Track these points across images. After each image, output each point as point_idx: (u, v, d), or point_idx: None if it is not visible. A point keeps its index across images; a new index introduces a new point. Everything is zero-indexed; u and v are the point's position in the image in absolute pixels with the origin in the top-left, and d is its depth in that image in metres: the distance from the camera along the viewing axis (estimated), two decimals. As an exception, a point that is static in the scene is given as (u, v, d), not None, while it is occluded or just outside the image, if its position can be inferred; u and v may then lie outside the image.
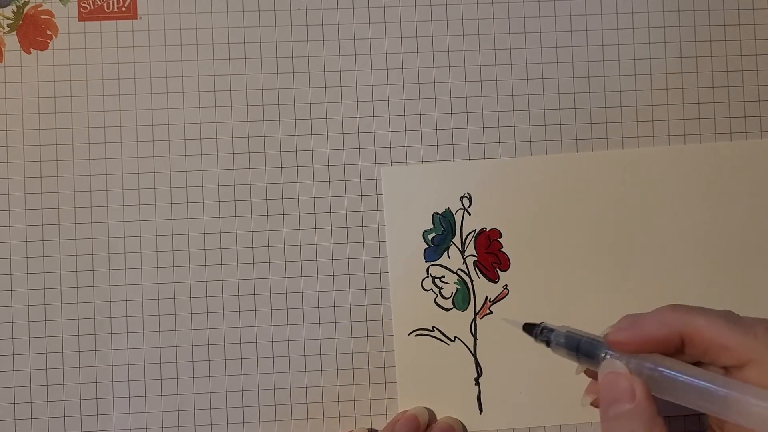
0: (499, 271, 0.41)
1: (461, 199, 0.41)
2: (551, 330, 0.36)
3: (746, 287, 0.41)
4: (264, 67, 0.41)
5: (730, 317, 0.30)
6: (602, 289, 0.41)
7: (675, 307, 0.31)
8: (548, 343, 0.37)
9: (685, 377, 0.30)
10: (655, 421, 0.30)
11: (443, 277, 0.41)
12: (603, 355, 0.33)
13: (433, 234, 0.41)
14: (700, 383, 0.29)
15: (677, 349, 0.31)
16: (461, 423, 0.40)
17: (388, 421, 0.40)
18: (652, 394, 0.31)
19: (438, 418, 0.40)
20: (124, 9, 0.42)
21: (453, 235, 0.41)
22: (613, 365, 0.32)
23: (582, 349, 0.34)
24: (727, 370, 0.30)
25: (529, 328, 0.37)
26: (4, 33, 0.41)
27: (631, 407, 0.31)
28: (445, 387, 0.40)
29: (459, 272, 0.41)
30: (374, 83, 0.42)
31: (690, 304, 0.32)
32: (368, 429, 0.40)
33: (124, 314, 0.41)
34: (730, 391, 0.28)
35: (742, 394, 0.28)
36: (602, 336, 0.33)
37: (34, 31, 0.41)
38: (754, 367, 0.28)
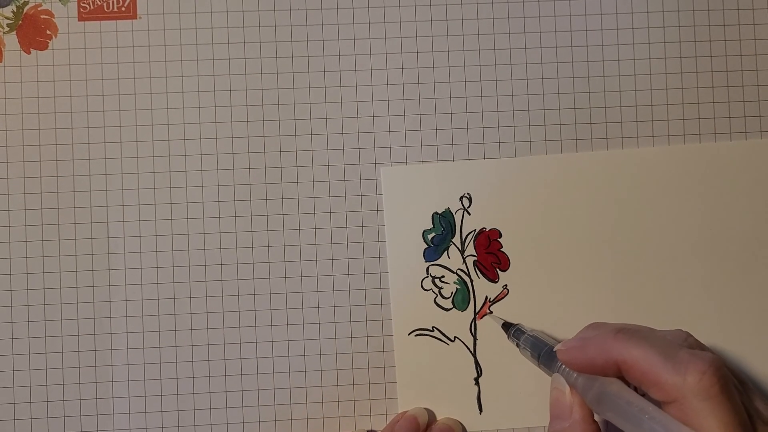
0: (498, 271, 0.41)
1: (461, 199, 0.41)
2: (522, 333, 0.38)
3: (746, 287, 0.41)
4: (264, 67, 0.41)
5: (667, 351, 0.29)
6: (602, 288, 0.41)
7: (618, 334, 0.31)
8: (518, 345, 0.38)
9: (623, 403, 0.30)
10: None
11: (443, 277, 0.41)
12: (559, 365, 0.33)
13: (433, 234, 0.41)
14: (633, 412, 0.29)
15: (619, 375, 0.31)
16: (461, 424, 0.40)
17: (388, 422, 0.40)
18: (597, 413, 0.32)
19: (438, 418, 0.40)
20: (123, 9, 0.42)
21: (453, 235, 0.41)
22: (559, 381, 0.33)
23: (542, 357, 0.35)
24: (662, 403, 0.29)
25: (506, 327, 0.39)
26: (3, 33, 0.41)
27: (567, 426, 0.32)
28: (444, 387, 0.40)
29: (459, 272, 0.41)
30: (374, 83, 0.42)
31: (638, 328, 0.32)
32: (368, 430, 0.40)
33: (123, 314, 0.41)
34: (655, 425, 0.28)
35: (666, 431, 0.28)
36: (555, 349, 0.34)
37: (33, 31, 0.41)
38: (676, 405, 0.28)
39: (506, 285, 0.41)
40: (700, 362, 0.28)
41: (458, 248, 0.41)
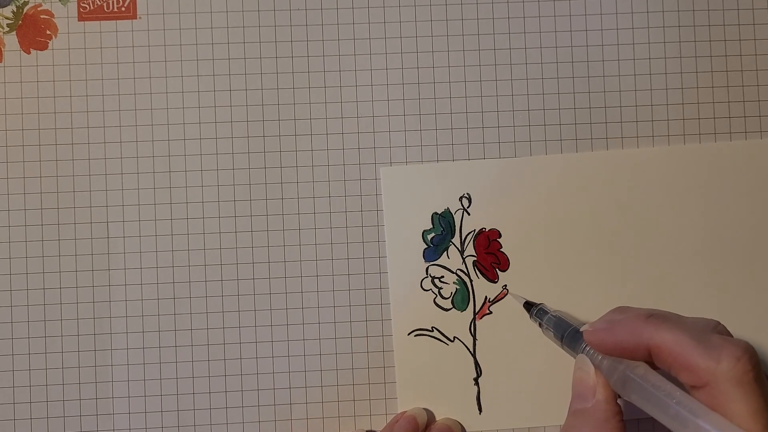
0: (498, 271, 0.41)
1: (460, 199, 0.41)
2: (545, 313, 0.38)
3: (746, 287, 0.41)
4: (264, 67, 0.42)
5: (699, 336, 0.29)
6: (602, 289, 0.41)
7: (649, 318, 0.31)
8: (541, 325, 0.38)
9: (649, 387, 0.30)
10: (607, 424, 0.31)
11: (442, 277, 0.41)
12: (584, 347, 0.34)
13: (433, 234, 0.41)
14: (659, 396, 0.29)
15: (648, 359, 0.31)
16: (460, 424, 0.40)
17: (387, 422, 0.40)
18: (621, 396, 0.31)
19: (437, 418, 0.40)
20: (123, 9, 0.42)
21: (452, 236, 0.41)
22: (583, 362, 0.33)
23: (566, 338, 0.35)
24: (690, 387, 0.29)
25: (528, 306, 0.39)
26: (3, 33, 0.41)
27: (589, 406, 0.32)
28: (444, 387, 0.40)
29: (458, 272, 0.41)
30: (374, 83, 0.42)
31: (668, 313, 0.32)
32: (368, 430, 0.40)
33: (123, 314, 0.41)
34: (681, 410, 0.28)
35: (694, 416, 0.28)
36: (581, 330, 0.34)
37: (33, 31, 0.41)
38: (708, 390, 0.28)
39: (506, 285, 0.41)
40: (735, 348, 0.28)
41: (458, 248, 0.41)
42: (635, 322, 0.31)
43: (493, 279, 0.41)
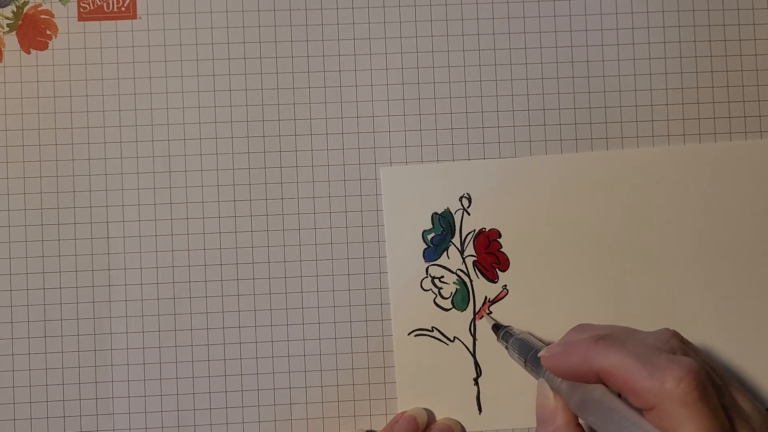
0: (498, 271, 0.41)
1: (460, 199, 0.41)
2: (511, 335, 0.38)
3: (746, 287, 0.41)
4: (263, 67, 0.42)
5: (645, 357, 0.29)
6: (602, 289, 0.41)
7: (599, 341, 0.31)
8: (507, 348, 0.38)
9: (605, 409, 0.30)
10: None
11: (442, 277, 0.41)
12: (544, 370, 0.34)
13: (433, 234, 0.41)
14: (615, 418, 0.29)
15: (602, 381, 0.31)
16: (460, 424, 0.40)
17: (387, 422, 0.40)
18: (581, 418, 0.32)
19: (437, 418, 0.40)
20: (123, 9, 0.42)
21: (452, 236, 0.41)
22: (543, 387, 0.33)
23: (529, 361, 0.36)
24: (642, 410, 0.29)
25: (496, 329, 0.39)
26: (3, 33, 0.41)
27: (551, 430, 0.32)
28: (444, 387, 0.40)
29: (458, 272, 0.41)
30: (374, 83, 0.42)
31: (620, 333, 0.32)
32: (367, 430, 0.40)
33: (123, 314, 0.41)
34: None
35: None
36: (539, 354, 0.34)
37: (33, 31, 0.41)
38: (656, 412, 0.28)
39: (506, 285, 0.41)
40: (678, 368, 0.28)
41: (458, 248, 0.41)
42: (587, 346, 0.31)
43: (493, 279, 0.41)
